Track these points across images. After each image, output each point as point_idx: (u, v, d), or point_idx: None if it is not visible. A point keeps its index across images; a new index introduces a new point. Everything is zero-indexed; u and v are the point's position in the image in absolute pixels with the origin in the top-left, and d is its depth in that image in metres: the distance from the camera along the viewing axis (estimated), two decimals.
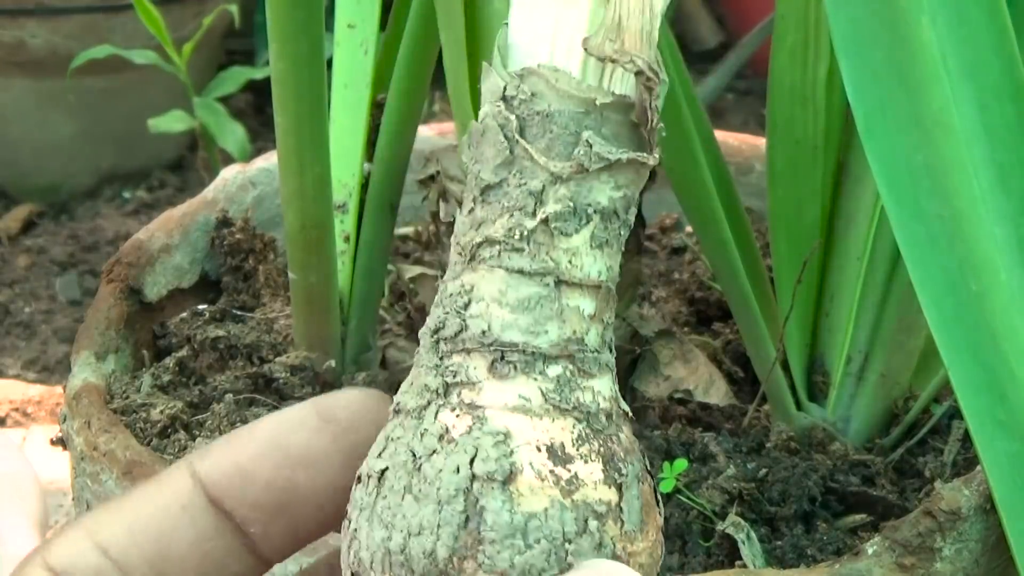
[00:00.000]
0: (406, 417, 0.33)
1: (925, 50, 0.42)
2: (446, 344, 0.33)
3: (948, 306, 0.43)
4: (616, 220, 0.33)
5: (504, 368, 0.32)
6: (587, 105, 0.32)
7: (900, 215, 0.42)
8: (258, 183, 0.75)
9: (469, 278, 0.33)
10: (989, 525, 0.48)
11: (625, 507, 0.32)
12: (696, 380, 0.64)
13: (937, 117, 0.42)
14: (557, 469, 0.32)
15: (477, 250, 0.33)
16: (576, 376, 0.33)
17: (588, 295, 0.33)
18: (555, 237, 0.32)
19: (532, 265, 0.32)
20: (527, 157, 0.32)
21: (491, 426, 0.32)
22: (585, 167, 0.32)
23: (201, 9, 1.50)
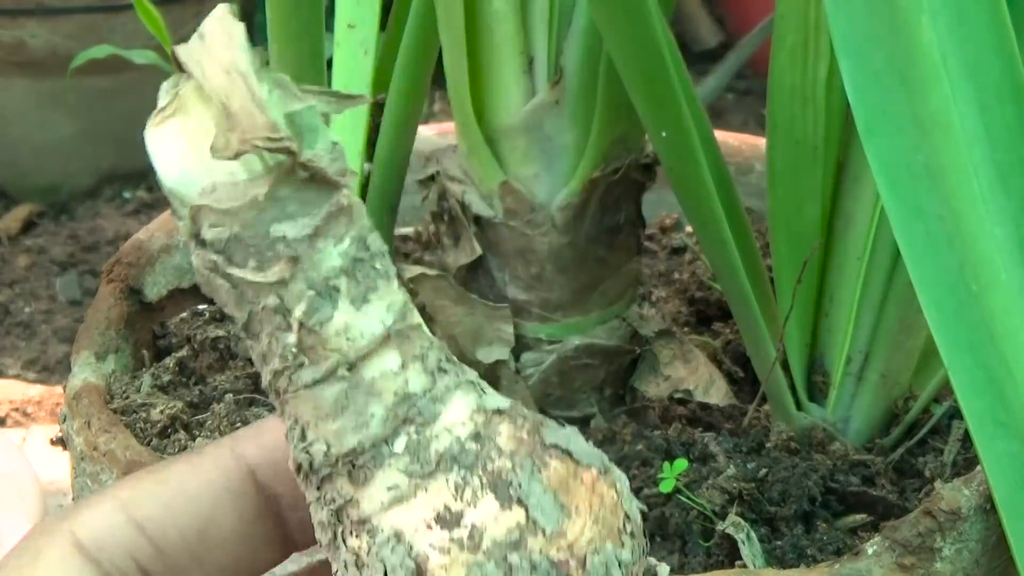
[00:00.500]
0: (329, 550, 0.34)
1: (925, 50, 0.42)
2: (313, 477, 0.33)
3: (948, 306, 0.43)
4: (364, 263, 0.32)
5: (360, 474, 0.32)
6: (255, 206, 0.31)
7: (900, 215, 0.42)
8: None
9: (289, 410, 0.33)
10: (989, 525, 0.48)
11: (536, 514, 0.32)
12: (696, 380, 0.64)
13: (937, 117, 0.42)
14: (454, 533, 0.32)
15: (275, 383, 0.33)
16: (421, 432, 0.33)
17: (384, 352, 0.32)
18: (318, 332, 0.32)
19: (318, 371, 0.32)
20: (247, 283, 0.32)
21: (382, 535, 0.32)
22: (295, 256, 0.31)
23: (201, 9, 1.50)
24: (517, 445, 0.34)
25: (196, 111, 0.32)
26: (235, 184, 0.31)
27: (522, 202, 0.59)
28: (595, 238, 0.60)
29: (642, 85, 0.50)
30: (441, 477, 0.32)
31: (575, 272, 0.61)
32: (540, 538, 0.32)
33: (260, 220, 0.31)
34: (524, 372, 0.62)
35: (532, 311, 0.61)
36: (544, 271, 0.60)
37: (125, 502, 0.36)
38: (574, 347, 0.61)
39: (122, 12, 1.44)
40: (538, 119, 0.58)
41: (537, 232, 0.59)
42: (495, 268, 0.61)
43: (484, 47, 0.58)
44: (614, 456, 0.59)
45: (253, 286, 0.32)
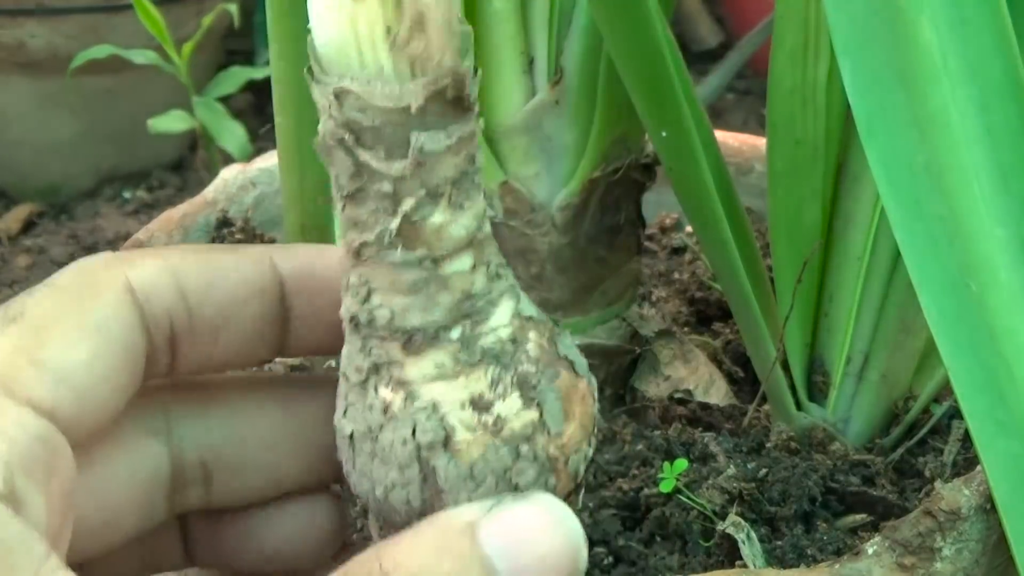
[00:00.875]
0: (352, 386, 0.38)
1: (925, 50, 0.42)
2: (364, 329, 0.37)
3: (948, 306, 0.43)
4: (467, 178, 0.36)
5: (415, 346, 0.37)
6: (405, 112, 0.34)
7: (900, 215, 0.42)
8: (258, 183, 0.75)
9: (363, 271, 0.37)
10: (989, 525, 0.48)
11: (547, 416, 0.38)
12: (696, 380, 0.64)
13: (937, 117, 0.42)
14: (483, 417, 0.37)
15: (361, 250, 0.36)
16: (475, 328, 0.37)
17: (463, 254, 0.37)
18: (417, 226, 0.36)
19: (407, 257, 0.36)
20: (370, 167, 0.35)
21: (420, 400, 0.37)
22: (421, 162, 0.35)
23: (201, 9, 1.50)
24: (540, 353, 0.39)
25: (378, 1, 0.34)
26: (390, 84, 0.34)
27: (522, 202, 0.59)
28: (595, 238, 0.60)
29: (642, 85, 0.50)
30: (481, 369, 0.37)
31: (575, 272, 0.61)
32: (545, 437, 0.38)
33: (402, 124, 0.35)
34: None
35: None
36: (544, 271, 0.60)
37: (175, 268, 0.40)
38: None
39: (122, 12, 1.44)
40: (538, 119, 0.58)
41: (537, 232, 0.59)
42: None
43: (484, 47, 0.58)
44: (614, 456, 0.59)
45: (374, 171, 0.35)
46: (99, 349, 0.37)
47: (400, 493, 0.37)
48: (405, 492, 0.37)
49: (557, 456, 0.38)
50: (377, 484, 0.38)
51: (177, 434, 0.42)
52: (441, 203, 0.36)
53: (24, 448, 0.34)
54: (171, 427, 0.42)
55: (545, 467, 0.38)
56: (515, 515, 0.36)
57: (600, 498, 0.57)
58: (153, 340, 0.39)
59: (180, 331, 0.40)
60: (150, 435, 0.42)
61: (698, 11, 1.90)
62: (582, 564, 0.37)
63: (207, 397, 0.43)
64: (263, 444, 0.43)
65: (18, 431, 0.34)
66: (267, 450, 0.43)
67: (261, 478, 0.44)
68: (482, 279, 0.38)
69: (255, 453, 0.43)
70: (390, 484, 0.37)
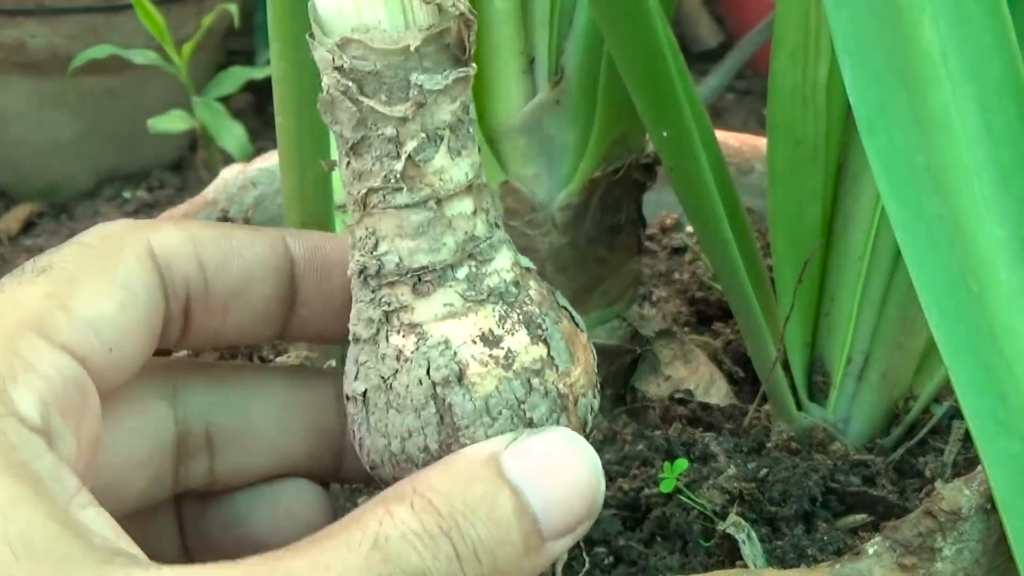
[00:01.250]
0: (364, 344, 0.39)
1: (926, 50, 0.42)
2: (373, 280, 0.39)
3: (949, 306, 0.43)
4: (463, 126, 0.38)
5: (424, 287, 0.38)
6: (404, 53, 0.37)
7: (901, 215, 0.42)
8: (258, 183, 0.75)
9: (369, 222, 0.39)
10: (990, 525, 0.48)
11: (555, 354, 0.39)
12: (696, 380, 0.64)
13: (938, 117, 0.42)
14: (493, 351, 0.38)
15: (366, 198, 0.38)
16: (480, 268, 0.39)
17: (464, 197, 0.39)
18: (421, 167, 0.38)
19: (413, 197, 0.38)
20: (374, 112, 0.37)
21: (433, 339, 0.38)
22: (421, 102, 0.37)
23: (201, 9, 1.50)
24: (542, 298, 0.40)
25: None
26: (387, 31, 0.37)
27: (522, 202, 0.59)
28: (595, 238, 0.60)
29: (643, 85, 0.50)
30: (489, 306, 0.39)
31: (575, 272, 0.61)
32: (555, 373, 0.39)
33: (402, 65, 0.37)
34: None
35: None
36: (544, 271, 0.60)
37: (195, 238, 0.41)
38: None
39: (122, 12, 1.44)
40: (539, 119, 0.58)
41: (538, 232, 0.59)
42: None
43: (485, 47, 0.58)
44: (615, 456, 0.59)
45: (377, 116, 0.37)
46: (125, 305, 0.38)
47: (417, 440, 0.38)
48: (422, 437, 0.38)
49: (567, 394, 0.39)
50: (393, 436, 0.39)
51: (183, 400, 0.43)
52: (441, 147, 0.38)
53: (59, 389, 0.35)
54: (177, 393, 0.44)
55: (556, 403, 0.39)
56: (537, 443, 0.37)
57: None
58: (170, 307, 0.41)
59: (195, 301, 0.41)
60: (157, 398, 0.43)
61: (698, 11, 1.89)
62: (601, 492, 0.38)
63: (214, 370, 0.45)
64: (267, 419, 0.44)
65: (53, 372, 0.35)
66: (270, 426, 0.44)
67: (263, 454, 0.44)
68: (483, 224, 0.39)
69: (259, 427, 0.44)
70: (406, 432, 0.38)
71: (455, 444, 0.38)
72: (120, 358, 0.38)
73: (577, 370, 0.40)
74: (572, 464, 0.38)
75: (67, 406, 0.35)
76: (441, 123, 0.38)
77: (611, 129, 0.58)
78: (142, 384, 0.41)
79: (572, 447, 0.38)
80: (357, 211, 0.39)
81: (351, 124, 0.38)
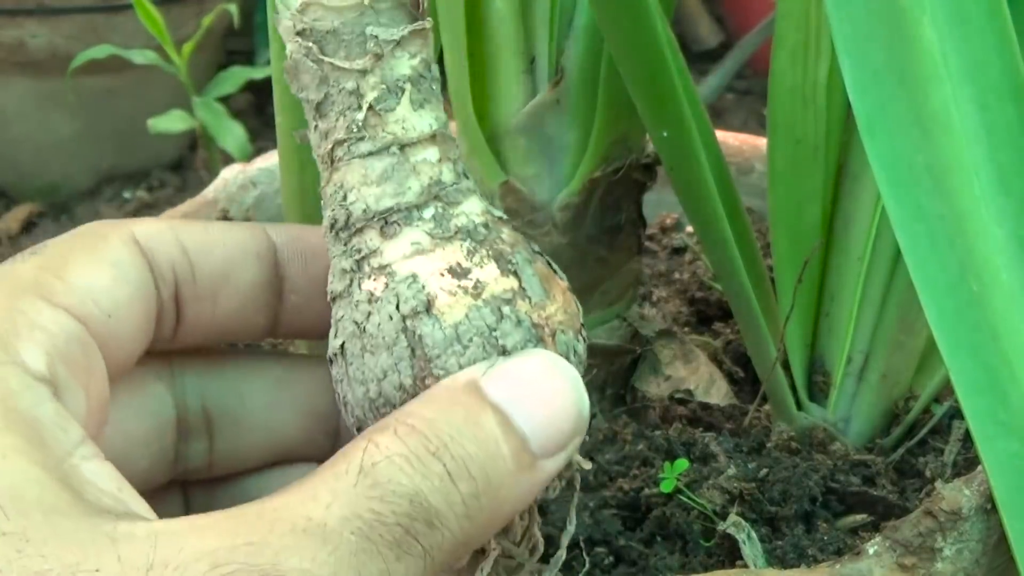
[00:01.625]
0: (340, 299, 0.40)
1: (926, 50, 0.42)
2: (343, 233, 0.40)
3: (949, 306, 0.43)
4: (424, 80, 0.40)
5: (391, 229, 0.39)
6: (359, 8, 0.38)
7: (901, 215, 0.42)
8: (258, 183, 0.75)
9: (336, 177, 0.40)
10: (990, 525, 0.48)
11: (526, 286, 0.39)
12: (697, 380, 0.64)
13: (938, 117, 0.42)
14: (462, 282, 0.39)
15: (332, 153, 0.40)
16: (447, 209, 0.40)
17: (428, 146, 0.40)
18: (382, 116, 0.39)
19: (376, 145, 0.39)
20: (335, 68, 0.39)
21: (400, 275, 0.39)
22: (379, 54, 0.39)
23: (201, 9, 1.50)
24: (515, 240, 0.41)
25: None
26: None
27: (523, 202, 0.59)
28: (596, 238, 0.60)
29: (643, 85, 0.50)
30: (456, 243, 0.39)
31: (576, 272, 0.61)
32: (527, 303, 0.39)
33: (358, 21, 0.39)
34: None
35: None
36: None
37: (176, 226, 0.42)
38: None
39: (122, 12, 1.44)
40: (539, 119, 0.58)
41: (538, 232, 0.59)
42: None
43: (485, 47, 0.58)
44: (615, 456, 0.59)
45: (338, 71, 0.39)
46: (117, 279, 0.39)
47: (392, 378, 0.38)
48: (397, 375, 0.38)
49: (542, 324, 0.39)
50: (370, 380, 0.39)
51: (180, 381, 0.44)
52: (403, 98, 0.39)
53: (63, 345, 0.36)
54: (174, 374, 0.44)
55: (531, 333, 0.39)
56: (515, 365, 0.37)
57: (601, 498, 0.57)
58: (161, 294, 0.41)
59: (183, 285, 0.41)
60: (155, 378, 0.43)
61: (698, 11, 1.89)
62: (586, 407, 0.38)
63: (210, 355, 0.45)
64: (263, 401, 0.45)
65: (57, 329, 0.36)
66: (267, 408, 0.45)
67: (261, 437, 0.45)
68: (450, 172, 0.40)
69: (255, 410, 0.44)
70: (381, 372, 0.38)
71: (429, 377, 0.38)
72: (119, 329, 0.38)
73: (553, 306, 0.40)
74: (554, 382, 0.38)
75: (73, 362, 0.36)
76: (401, 76, 0.39)
77: (611, 129, 0.58)
78: (139, 365, 0.41)
79: (552, 364, 0.38)
80: (326, 170, 0.40)
81: (315, 84, 0.39)
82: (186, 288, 0.41)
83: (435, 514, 0.34)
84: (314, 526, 0.32)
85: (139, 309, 0.40)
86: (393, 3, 0.39)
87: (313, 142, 0.40)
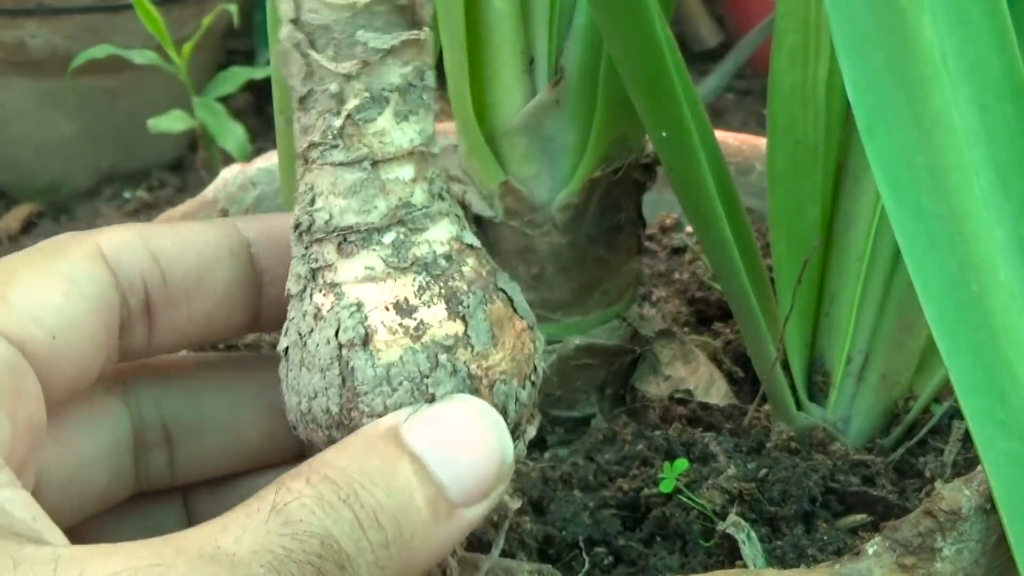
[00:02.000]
0: (294, 300, 0.40)
1: (926, 50, 0.42)
2: (306, 236, 0.39)
3: (948, 306, 0.43)
4: (415, 90, 0.39)
5: (348, 248, 0.38)
6: (353, 9, 0.37)
7: (900, 215, 0.42)
8: (258, 183, 0.75)
9: (309, 178, 0.39)
10: (989, 525, 0.48)
11: (472, 332, 0.38)
12: (696, 380, 0.64)
13: (937, 117, 0.42)
14: (404, 321, 0.38)
15: (307, 153, 0.39)
16: (409, 236, 0.39)
17: (405, 163, 0.39)
18: (360, 126, 0.38)
19: (348, 156, 0.38)
20: (321, 66, 0.37)
21: (347, 300, 0.38)
22: (367, 61, 0.37)
23: (201, 9, 1.50)
24: (476, 276, 0.39)
25: None
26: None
27: (522, 202, 0.59)
28: (595, 238, 0.60)
29: (642, 85, 0.50)
30: (410, 275, 0.38)
31: (575, 272, 0.61)
32: (468, 352, 0.38)
33: (351, 21, 0.37)
34: None
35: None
36: (544, 271, 0.60)
37: (145, 233, 0.41)
38: (574, 347, 0.61)
39: (122, 12, 1.44)
40: (538, 119, 0.58)
41: (537, 232, 0.59)
42: None
43: (484, 47, 0.58)
44: (615, 456, 0.59)
45: (323, 70, 0.37)
46: (69, 295, 0.38)
47: (321, 400, 0.38)
48: (325, 398, 0.38)
49: (480, 376, 0.38)
50: (303, 395, 0.38)
51: (135, 394, 0.43)
52: (386, 110, 0.38)
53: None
54: (129, 388, 0.43)
55: (465, 383, 0.38)
56: (437, 412, 0.37)
57: (600, 498, 0.57)
58: (128, 304, 0.40)
59: (155, 293, 0.41)
60: (109, 394, 0.43)
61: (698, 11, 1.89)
62: (510, 456, 0.38)
63: (163, 366, 0.44)
64: (221, 407, 0.44)
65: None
66: (226, 413, 0.44)
67: (222, 443, 0.44)
68: (422, 193, 0.39)
69: (214, 416, 0.44)
70: (313, 391, 0.38)
71: (355, 410, 0.38)
72: (67, 348, 0.38)
73: (499, 354, 0.39)
74: (477, 430, 0.37)
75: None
76: (388, 85, 0.38)
77: (611, 129, 0.58)
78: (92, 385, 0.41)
79: (477, 414, 0.37)
80: (301, 166, 0.39)
81: (300, 77, 0.38)
82: (157, 294, 0.41)
83: (346, 558, 0.33)
84: (222, 554, 0.32)
85: (96, 324, 0.39)
86: (390, 7, 0.37)
87: (295, 132, 0.40)
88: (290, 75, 0.38)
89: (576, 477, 0.58)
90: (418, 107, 0.39)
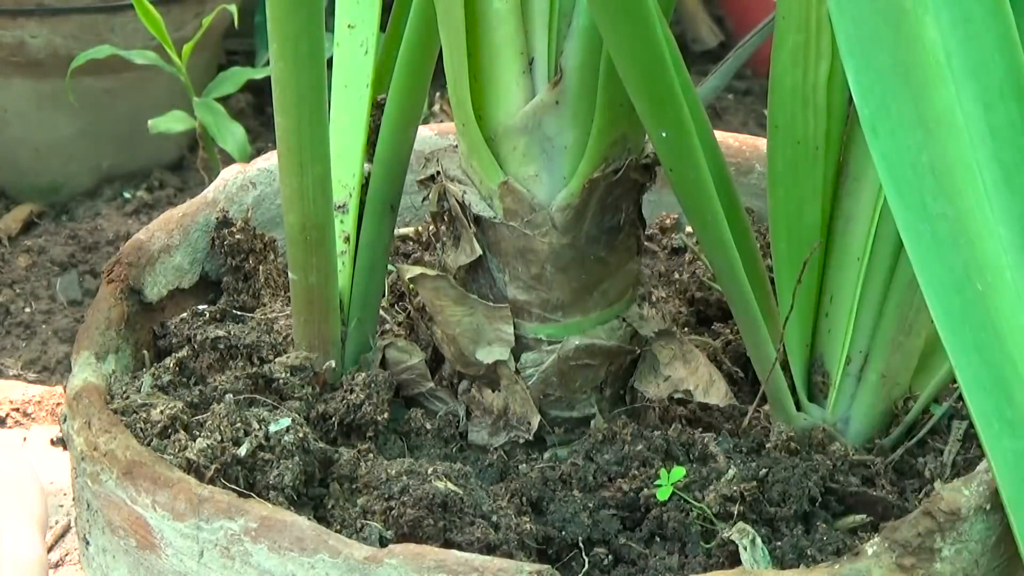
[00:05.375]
0: None
1: (929, 49, 0.42)
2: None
3: (954, 305, 0.43)
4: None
5: None
6: None
7: (905, 215, 0.42)
8: (258, 183, 0.75)
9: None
10: (989, 525, 0.48)
11: None
12: (696, 380, 0.64)
13: (942, 116, 0.42)
14: None
15: None
16: None
17: None
18: None
19: None
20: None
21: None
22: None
23: (201, 9, 1.50)
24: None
25: None
26: None
27: (522, 202, 0.59)
28: (595, 238, 0.60)
29: (642, 85, 0.50)
30: None
31: (575, 272, 0.61)
32: None
33: None
34: (524, 372, 0.62)
35: (532, 311, 0.61)
36: (544, 271, 0.60)
37: None
38: (574, 347, 0.61)
39: (122, 12, 1.44)
40: (538, 119, 0.58)
41: (537, 232, 0.59)
42: (495, 268, 0.61)
43: (484, 47, 0.58)
44: (614, 456, 0.59)
45: None
46: None
47: None
48: None
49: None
50: None
51: None
52: None
53: None
54: None
55: None
56: None
57: (600, 498, 0.57)
58: None
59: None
60: None
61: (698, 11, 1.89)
62: None
63: None
64: None
65: None
66: None
67: None
68: None
69: None
70: None
71: None
72: None
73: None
74: None
75: None
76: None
77: (610, 129, 0.58)
78: None
79: None
80: None
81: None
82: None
83: None
84: None
85: None
86: None
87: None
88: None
89: (576, 477, 0.58)
90: None
